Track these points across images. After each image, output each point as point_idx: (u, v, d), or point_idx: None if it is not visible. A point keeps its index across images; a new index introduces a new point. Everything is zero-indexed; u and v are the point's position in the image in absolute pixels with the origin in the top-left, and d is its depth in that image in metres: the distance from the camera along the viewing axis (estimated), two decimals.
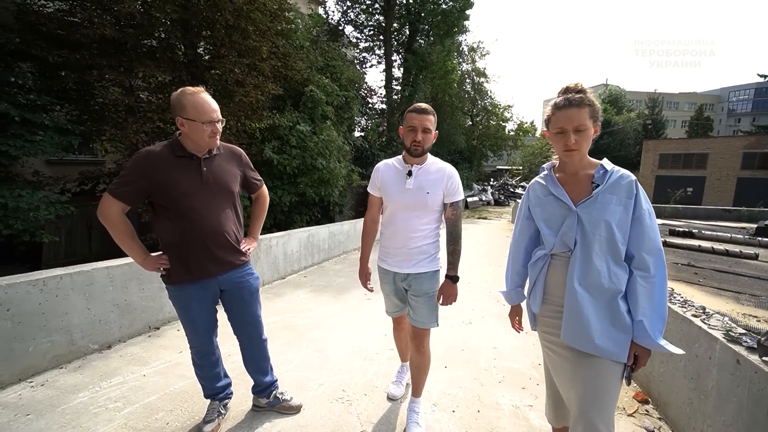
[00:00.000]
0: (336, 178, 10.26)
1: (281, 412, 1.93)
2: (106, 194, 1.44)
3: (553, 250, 1.24)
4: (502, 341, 2.94)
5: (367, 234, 1.93)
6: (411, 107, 1.67)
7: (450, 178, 1.69)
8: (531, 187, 1.38)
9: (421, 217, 1.70)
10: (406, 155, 1.71)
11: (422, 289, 1.74)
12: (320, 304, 3.81)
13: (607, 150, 36.64)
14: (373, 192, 1.84)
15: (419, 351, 1.81)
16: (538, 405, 2.08)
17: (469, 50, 23.30)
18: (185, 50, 7.39)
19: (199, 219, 1.52)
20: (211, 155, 1.58)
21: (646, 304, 1.11)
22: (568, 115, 1.17)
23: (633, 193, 1.14)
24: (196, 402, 2.02)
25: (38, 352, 2.23)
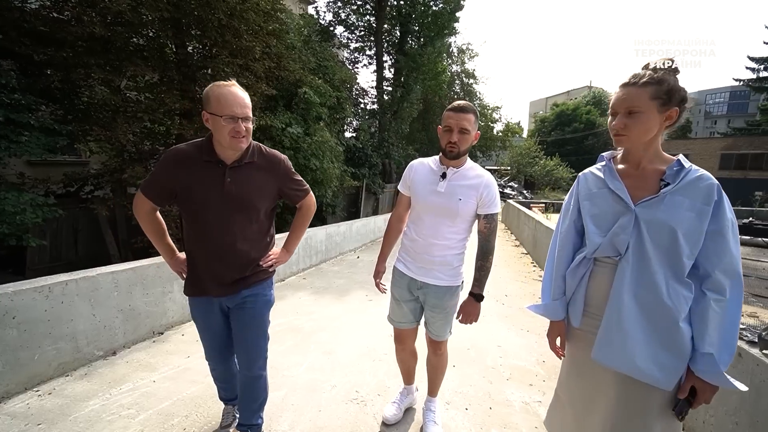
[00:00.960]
0: (329, 178, 10.26)
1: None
2: (138, 191, 1.43)
3: (597, 253, 1.06)
4: (505, 340, 3.01)
5: (390, 232, 1.82)
6: (449, 105, 1.55)
7: (487, 188, 1.55)
8: (582, 178, 1.19)
9: (449, 225, 1.58)
10: (442, 156, 1.60)
11: (440, 304, 1.64)
12: (323, 306, 3.82)
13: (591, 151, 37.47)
14: (403, 190, 1.74)
15: (436, 354, 1.79)
16: (546, 401, 2.15)
17: (459, 52, 23.56)
18: (176, 49, 7.28)
19: (210, 234, 1.39)
20: (241, 164, 1.39)
21: (715, 333, 0.93)
22: (623, 94, 1.01)
23: (713, 199, 0.94)
24: (211, 407, 2.01)
25: (44, 360, 2.18)
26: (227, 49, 7.32)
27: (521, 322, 3.43)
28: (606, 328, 1.02)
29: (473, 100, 25.16)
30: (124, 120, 6.81)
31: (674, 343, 0.95)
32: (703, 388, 0.95)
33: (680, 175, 0.97)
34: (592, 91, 46.21)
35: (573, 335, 1.17)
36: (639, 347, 0.97)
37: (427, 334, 1.77)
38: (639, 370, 0.97)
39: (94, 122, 6.53)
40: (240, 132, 1.32)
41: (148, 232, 1.49)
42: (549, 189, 29.16)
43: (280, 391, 2.18)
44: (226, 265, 1.42)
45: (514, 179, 29.38)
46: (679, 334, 0.95)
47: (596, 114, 39.42)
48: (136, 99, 7.10)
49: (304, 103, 9.92)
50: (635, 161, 1.07)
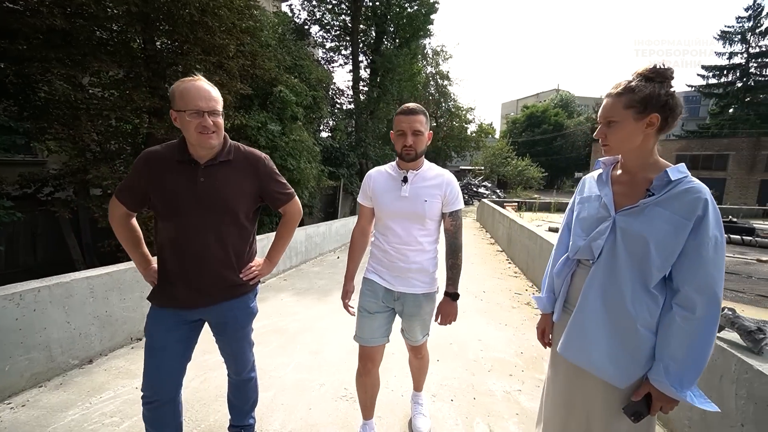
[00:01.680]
0: (306, 179, 10.19)
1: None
2: (113, 196, 1.36)
3: (576, 255, 1.11)
4: (485, 334, 3.14)
5: (355, 247, 1.71)
6: (399, 109, 1.52)
7: (449, 185, 1.54)
8: (583, 181, 1.23)
9: (419, 228, 1.54)
10: (399, 161, 1.57)
11: (418, 313, 1.60)
12: (306, 306, 3.82)
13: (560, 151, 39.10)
14: (363, 202, 1.65)
15: (417, 357, 1.80)
16: (525, 389, 2.28)
17: (433, 54, 23.92)
18: (145, 45, 7.01)
19: (185, 238, 1.29)
20: (216, 162, 1.30)
21: (679, 349, 0.93)
22: (604, 104, 1.03)
23: (695, 214, 0.92)
24: (198, 410, 2.00)
25: (15, 371, 2.08)
26: (200, 46, 7.12)
27: (499, 317, 3.58)
28: (571, 326, 1.07)
29: (448, 101, 25.66)
30: (87, 118, 6.48)
31: (631, 345, 0.99)
32: (658, 396, 0.96)
33: (667, 186, 0.96)
34: (559, 94, 48.17)
35: (554, 329, 1.24)
36: (598, 345, 1.02)
37: (405, 341, 1.75)
38: (594, 366, 1.02)
39: (55, 120, 6.19)
40: (207, 127, 1.22)
41: (122, 240, 1.41)
42: (521, 188, 30.15)
43: (268, 392, 2.19)
44: (201, 271, 1.31)
45: (487, 179, 30.17)
46: (638, 339, 0.98)
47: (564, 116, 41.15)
48: (101, 96, 6.78)
49: (280, 102, 9.80)
50: (627, 168, 1.07)
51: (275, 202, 1.46)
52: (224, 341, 1.48)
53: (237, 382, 1.60)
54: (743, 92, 28.22)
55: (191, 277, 1.31)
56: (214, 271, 1.33)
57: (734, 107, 29.11)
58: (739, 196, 21.95)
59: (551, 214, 16.29)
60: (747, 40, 27.67)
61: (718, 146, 22.90)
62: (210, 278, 1.33)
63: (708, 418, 1.58)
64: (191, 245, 1.30)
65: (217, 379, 2.32)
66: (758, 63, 27.71)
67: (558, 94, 47.96)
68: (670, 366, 0.94)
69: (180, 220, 1.29)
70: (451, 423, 1.94)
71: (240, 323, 1.45)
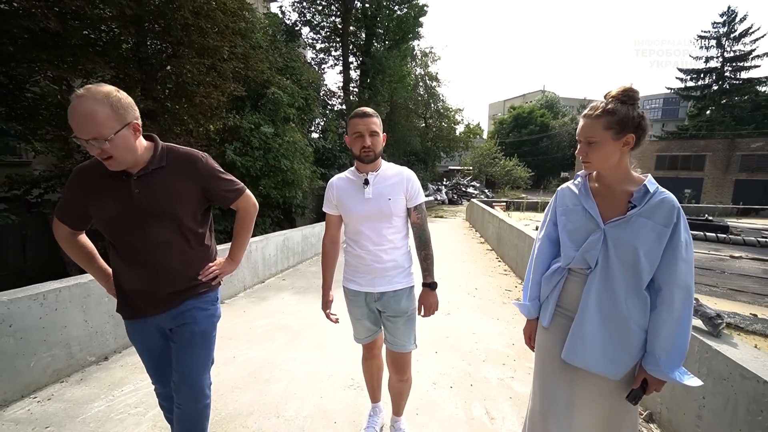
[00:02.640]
0: (300, 179, 10.27)
1: None
2: (54, 217, 1.30)
3: (571, 265, 1.19)
4: (479, 327, 3.36)
5: (327, 257, 1.71)
6: (353, 113, 1.55)
7: (409, 181, 1.59)
8: (561, 193, 1.30)
9: (388, 227, 1.58)
10: (358, 164, 1.58)
11: (400, 308, 1.61)
12: (306, 305, 3.97)
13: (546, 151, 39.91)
14: (329, 210, 1.66)
15: (402, 379, 1.72)
16: (517, 376, 2.49)
17: (422, 55, 24.16)
18: (138, 47, 7.01)
19: (132, 251, 1.25)
20: (149, 171, 1.23)
21: (667, 339, 1.07)
22: (584, 125, 1.13)
23: (672, 221, 1.05)
24: (216, 400, 2.14)
25: (39, 368, 2.19)
26: (193, 48, 7.16)
27: (491, 312, 3.80)
28: (574, 333, 1.15)
29: (437, 102, 25.94)
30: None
31: (626, 343, 1.11)
32: (652, 380, 1.11)
33: (646, 198, 1.07)
34: (545, 95, 49.13)
35: (542, 332, 1.30)
36: (597, 349, 1.11)
37: (391, 356, 1.69)
38: (595, 368, 1.12)
39: (45, 121, 6.16)
40: (94, 153, 1.12)
41: (74, 258, 1.37)
42: (509, 188, 30.70)
43: (281, 383, 2.35)
44: (154, 282, 1.27)
45: (476, 179, 30.64)
46: (632, 336, 1.10)
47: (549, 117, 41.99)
48: None
49: (272, 104, 9.87)
50: (605, 182, 1.17)
51: (224, 200, 1.40)
52: (179, 349, 1.33)
53: (187, 413, 1.37)
54: (719, 95, 29.36)
55: (146, 288, 1.28)
56: (167, 280, 1.29)
57: (711, 109, 30.25)
58: (715, 195, 22.88)
59: (538, 214, 16.72)
60: (722, 44, 28.79)
61: (696, 147, 23.80)
62: (164, 288, 1.29)
63: (676, 392, 1.81)
64: (140, 258, 1.25)
65: (230, 373, 2.47)
66: (733, 67, 28.87)
67: (544, 95, 48.93)
68: (662, 356, 1.06)
69: (122, 235, 1.24)
70: (452, 407, 2.14)
71: (200, 326, 1.34)
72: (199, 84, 7.34)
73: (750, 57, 28.09)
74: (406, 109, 22.25)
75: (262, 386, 2.30)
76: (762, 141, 22.14)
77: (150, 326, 1.34)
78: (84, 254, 1.36)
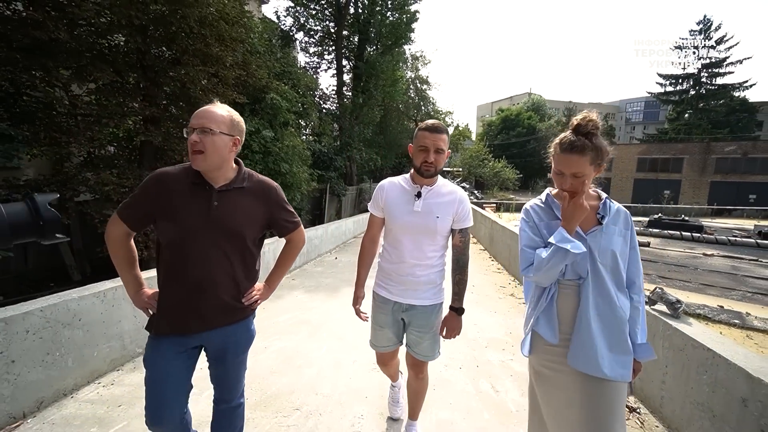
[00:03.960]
0: (299, 182, 10.55)
1: None
2: (114, 214, 1.33)
3: (564, 278, 1.24)
4: (480, 319, 3.75)
5: (365, 255, 1.75)
6: (422, 125, 1.55)
7: (461, 203, 1.59)
8: (531, 210, 1.36)
9: (429, 244, 1.58)
10: (415, 175, 1.59)
11: (426, 324, 1.63)
12: (320, 302, 4.31)
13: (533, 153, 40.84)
14: (375, 212, 1.68)
15: (418, 377, 1.78)
16: (516, 359, 2.89)
17: (413, 59, 24.63)
18: (144, 55, 7.22)
19: (192, 263, 1.28)
20: (230, 188, 1.32)
21: (644, 324, 1.24)
22: (569, 160, 1.18)
23: (629, 224, 1.24)
24: (260, 382, 2.46)
25: (100, 357, 2.48)
26: (198, 57, 7.40)
27: (489, 306, 4.21)
28: (578, 342, 1.19)
29: (427, 104, 26.46)
30: (84, 125, 6.68)
31: (625, 343, 1.20)
32: (638, 366, 1.25)
33: (606, 207, 1.25)
34: (531, 97, 50.27)
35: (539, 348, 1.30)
36: (603, 354, 1.17)
37: (410, 356, 1.73)
38: (608, 376, 1.16)
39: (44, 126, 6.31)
40: (194, 145, 1.23)
41: (118, 260, 1.36)
42: (497, 189, 31.43)
43: (312, 368, 2.69)
44: (205, 296, 1.31)
45: (465, 180, 31.29)
46: (625, 335, 1.21)
47: (536, 119, 42.99)
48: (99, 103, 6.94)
49: (271, 109, 10.14)
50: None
51: (282, 230, 1.49)
52: (222, 367, 1.44)
53: (226, 410, 1.52)
54: (696, 99, 30.72)
55: (194, 301, 1.30)
56: (218, 296, 1.32)
57: (689, 113, 31.60)
58: (692, 196, 23.98)
59: None
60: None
61: (674, 150, 24.89)
62: (213, 303, 1.32)
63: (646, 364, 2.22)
64: (197, 269, 1.28)
65: (266, 361, 2.79)
66: (709, 73, 30.24)
67: (530, 98, 50.04)
68: (646, 342, 1.23)
69: (189, 243, 1.27)
70: (462, 384, 2.52)
71: (241, 348, 1.44)
72: (204, 91, 7.57)
73: (725, 63, 29.48)
74: (398, 112, 22.70)
75: (297, 371, 2.64)
76: (735, 145, 23.36)
77: (181, 347, 1.32)
78: (128, 257, 1.36)
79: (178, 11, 6.87)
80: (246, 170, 1.41)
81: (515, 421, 2.12)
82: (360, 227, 10.88)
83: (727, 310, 4.87)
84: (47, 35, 5.53)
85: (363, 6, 16.48)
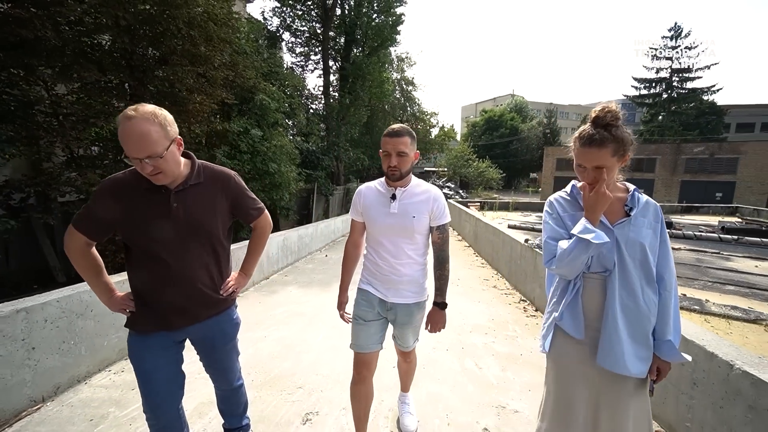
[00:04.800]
0: (287, 181, 10.65)
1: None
2: (70, 226, 1.27)
3: (590, 270, 1.21)
4: (464, 308, 4.03)
5: (349, 260, 1.79)
6: (385, 131, 1.58)
7: (436, 201, 1.62)
8: (555, 202, 1.33)
9: (408, 243, 1.62)
10: (387, 179, 1.64)
11: (409, 321, 1.68)
12: (313, 296, 4.50)
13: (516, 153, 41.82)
14: (355, 217, 1.73)
15: (406, 361, 1.92)
16: (498, 341, 3.16)
17: (398, 60, 24.95)
18: (131, 55, 7.22)
19: (165, 265, 1.28)
20: (187, 186, 1.29)
21: (671, 322, 1.17)
22: (589, 154, 1.16)
23: (660, 217, 1.19)
24: (262, 367, 2.66)
25: (110, 346, 2.62)
26: (186, 57, 7.44)
27: (473, 296, 4.49)
28: (606, 338, 1.16)
29: (413, 105, 26.81)
30: (71, 125, 6.66)
31: (646, 339, 1.17)
32: (664, 366, 1.19)
33: (635, 200, 1.21)
34: (514, 99, 51.37)
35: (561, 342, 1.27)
36: (626, 349, 1.14)
37: (396, 346, 1.84)
38: (630, 370, 1.14)
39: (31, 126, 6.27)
40: (146, 172, 1.17)
41: (82, 270, 1.31)
42: (482, 188, 32.08)
43: (311, 354, 2.90)
44: (184, 293, 1.32)
45: (450, 180, 31.82)
46: (647, 330, 1.17)
47: (519, 120, 44.00)
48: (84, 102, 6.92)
49: (259, 109, 10.22)
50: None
51: (247, 218, 1.50)
52: (213, 357, 1.49)
53: (227, 393, 1.63)
54: (668, 102, 32.13)
55: (174, 300, 1.31)
56: (197, 291, 1.34)
57: (662, 115, 33.02)
58: (665, 194, 25.12)
59: (510, 213, 17.86)
60: (670, 56, 31.53)
61: (648, 151, 26.00)
62: (193, 299, 1.33)
63: None
64: (171, 270, 1.28)
65: (267, 348, 2.99)
66: (680, 77, 31.68)
67: (513, 99, 51.12)
68: (675, 340, 1.17)
69: (158, 247, 1.26)
70: (449, 363, 2.77)
71: (228, 336, 1.49)
72: (191, 91, 7.62)
73: (694, 69, 30.96)
74: (384, 112, 22.97)
75: (296, 356, 2.85)
76: (703, 146, 24.61)
77: (167, 340, 1.35)
78: (93, 267, 1.32)
79: (166, 12, 6.92)
80: (199, 163, 1.37)
81: (496, 392, 2.39)
82: (348, 226, 11.07)
83: (689, 298, 5.31)
84: (34, 34, 5.53)
85: (349, 8, 16.67)
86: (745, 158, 22.83)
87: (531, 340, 3.21)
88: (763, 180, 22.44)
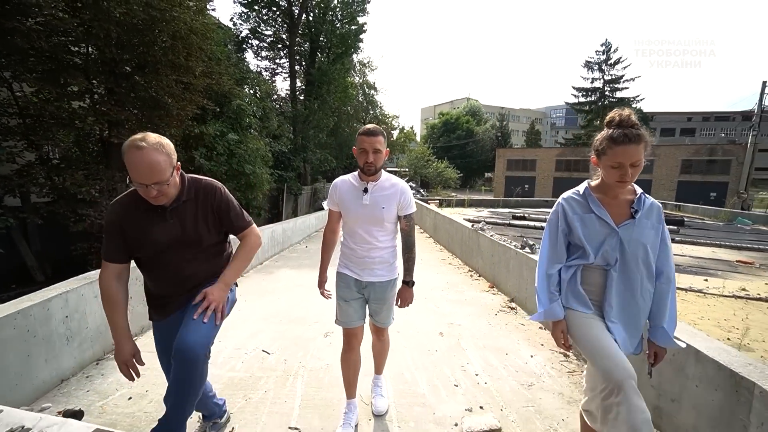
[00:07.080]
0: (261, 182, 11.33)
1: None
2: (102, 263, 1.39)
3: (595, 263, 1.34)
4: (428, 276, 5.25)
5: (327, 244, 1.99)
6: (361, 130, 1.73)
7: (403, 194, 1.79)
8: (565, 202, 1.42)
9: (379, 230, 1.80)
10: (361, 173, 1.78)
11: (383, 297, 1.87)
12: (306, 274, 5.49)
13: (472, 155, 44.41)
14: (332, 207, 1.89)
15: (380, 339, 2.05)
16: (450, 294, 4.38)
17: (361, 65, 26.02)
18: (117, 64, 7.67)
19: (168, 273, 1.45)
20: (180, 203, 1.40)
21: (666, 311, 1.29)
22: (627, 151, 1.24)
23: (661, 218, 1.29)
24: (289, 312, 3.65)
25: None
26: (169, 66, 7.99)
27: (434, 270, 5.76)
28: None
29: (375, 108, 28.04)
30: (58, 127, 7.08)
31: (638, 326, 1.34)
32: (660, 351, 1.34)
33: (641, 202, 1.32)
34: (469, 102, 54.30)
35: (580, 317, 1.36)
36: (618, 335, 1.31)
37: (372, 324, 1.98)
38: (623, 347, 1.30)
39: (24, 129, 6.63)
40: (151, 196, 1.29)
41: (104, 302, 1.39)
42: (440, 187, 34.01)
43: (316, 306, 3.89)
44: (190, 290, 1.47)
45: (411, 179, 33.45)
46: (641, 322, 1.34)
47: (474, 123, 46.73)
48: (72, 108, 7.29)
49: (233, 113, 10.83)
50: (614, 194, 1.35)
51: (233, 230, 1.55)
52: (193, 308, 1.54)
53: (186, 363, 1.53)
54: (602, 109, 35.94)
55: (182, 295, 1.48)
56: (194, 284, 1.48)
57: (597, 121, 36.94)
58: None
59: (465, 209, 19.60)
60: (603, 69, 35.45)
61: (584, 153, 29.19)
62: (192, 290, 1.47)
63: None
64: (176, 275, 1.45)
65: (284, 304, 3.97)
66: (611, 87, 35.70)
67: (468, 103, 54.02)
68: (670, 329, 1.30)
69: (161, 261, 1.42)
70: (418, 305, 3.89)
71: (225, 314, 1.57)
72: (173, 97, 8.17)
73: (622, 80, 35.07)
74: (347, 116, 23.95)
75: (307, 307, 3.88)
76: None
77: (174, 323, 1.48)
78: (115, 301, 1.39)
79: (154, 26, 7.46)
80: (189, 179, 1.45)
81: (447, 318, 3.62)
82: (321, 222, 11.98)
83: None
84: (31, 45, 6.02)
85: (315, 16, 17.49)
86: (659, 160, 26.53)
87: (473, 292, 4.49)
88: (672, 178, 26.30)
